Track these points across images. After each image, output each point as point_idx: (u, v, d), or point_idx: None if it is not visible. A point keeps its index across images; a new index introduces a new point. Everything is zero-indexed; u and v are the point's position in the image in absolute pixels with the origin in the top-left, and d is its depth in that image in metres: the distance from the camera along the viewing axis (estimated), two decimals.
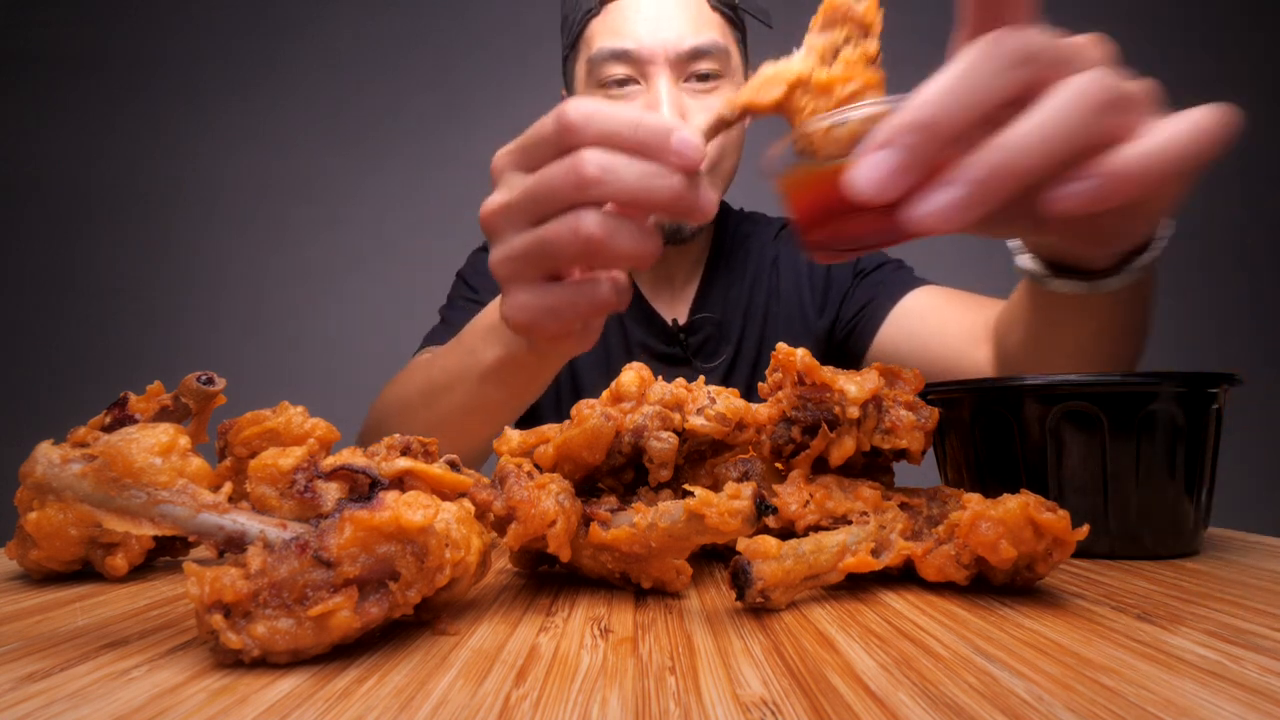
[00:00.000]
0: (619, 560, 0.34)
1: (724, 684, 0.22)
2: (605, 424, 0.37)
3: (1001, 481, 0.45)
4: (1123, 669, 0.23)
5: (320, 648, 0.24)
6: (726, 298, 0.92)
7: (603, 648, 0.26)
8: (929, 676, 0.23)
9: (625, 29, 0.77)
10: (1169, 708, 0.20)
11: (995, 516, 0.32)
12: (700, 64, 0.78)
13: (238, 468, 0.41)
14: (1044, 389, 0.42)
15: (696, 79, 0.78)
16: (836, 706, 0.20)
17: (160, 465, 0.26)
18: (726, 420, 0.38)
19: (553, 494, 0.34)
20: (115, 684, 0.22)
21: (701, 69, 0.78)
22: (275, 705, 0.21)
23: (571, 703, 0.21)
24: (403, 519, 0.25)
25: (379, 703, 0.21)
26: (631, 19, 0.78)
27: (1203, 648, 0.25)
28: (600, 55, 0.78)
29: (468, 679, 0.23)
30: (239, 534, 0.25)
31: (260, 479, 0.27)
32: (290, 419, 0.40)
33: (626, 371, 0.40)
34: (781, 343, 0.39)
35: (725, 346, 0.90)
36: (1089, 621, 0.29)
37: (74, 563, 0.39)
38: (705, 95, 0.78)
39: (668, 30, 0.77)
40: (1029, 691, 0.21)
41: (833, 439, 0.37)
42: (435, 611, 0.29)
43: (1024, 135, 0.26)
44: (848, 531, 0.34)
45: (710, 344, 0.90)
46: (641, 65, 0.77)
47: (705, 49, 0.77)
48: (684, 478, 0.41)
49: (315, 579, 0.24)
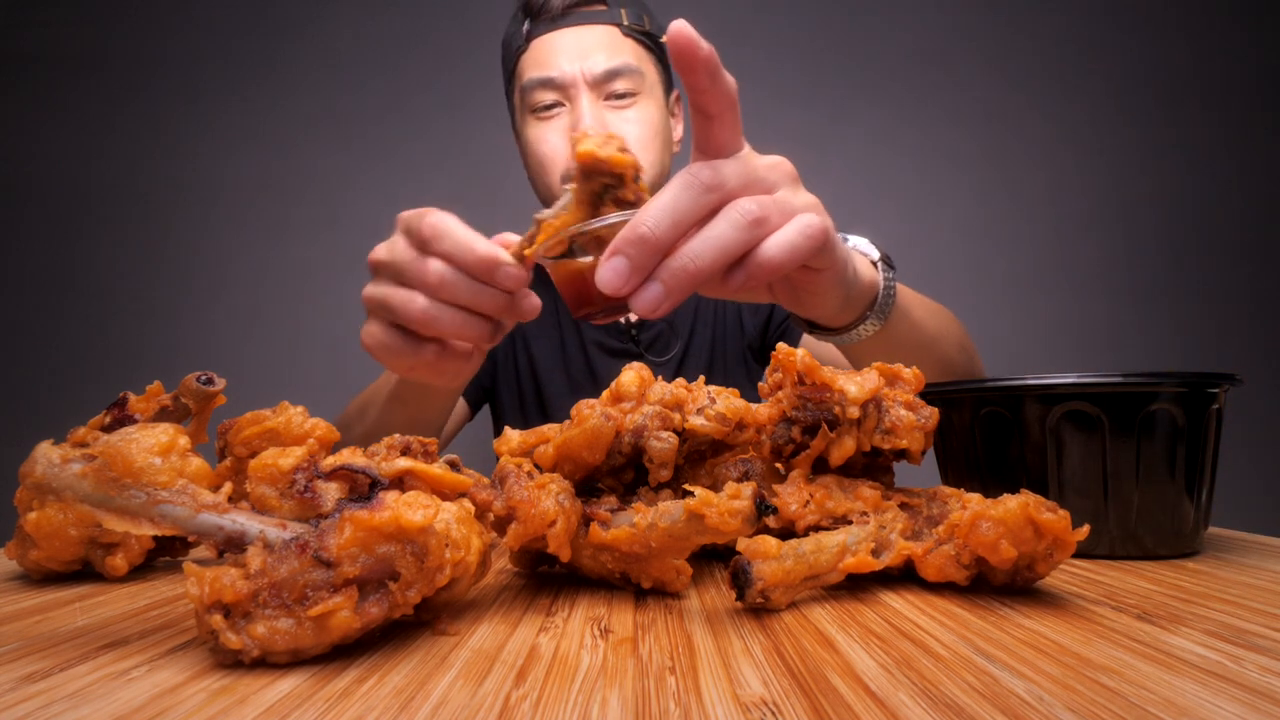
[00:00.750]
0: (619, 560, 0.34)
1: (724, 684, 0.22)
2: (605, 424, 0.37)
3: (1001, 481, 0.45)
4: (1123, 669, 0.23)
5: (320, 648, 0.24)
6: None
7: (603, 648, 0.26)
8: (929, 676, 0.23)
9: (549, 60, 0.89)
10: (1169, 708, 0.20)
11: (995, 516, 0.32)
12: (616, 84, 0.89)
13: (238, 468, 0.41)
14: (1044, 389, 0.42)
15: (615, 97, 0.89)
16: (836, 706, 0.20)
17: (160, 465, 0.26)
18: (726, 420, 0.38)
19: (553, 494, 0.34)
20: (115, 684, 0.22)
21: (618, 88, 0.89)
22: (275, 705, 0.21)
23: (571, 703, 0.21)
24: (403, 519, 0.25)
25: (379, 703, 0.21)
26: (553, 51, 0.89)
27: (1203, 648, 0.25)
28: (530, 84, 0.89)
29: (468, 679, 0.23)
30: (239, 534, 0.25)
31: (260, 479, 0.27)
32: (290, 419, 0.40)
33: (626, 371, 0.40)
34: (781, 343, 0.39)
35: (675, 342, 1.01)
36: (1089, 621, 0.29)
37: (74, 563, 0.39)
38: (624, 109, 0.90)
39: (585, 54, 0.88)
40: (1029, 691, 0.21)
41: (833, 439, 0.37)
42: (435, 611, 0.29)
43: (697, 246, 0.37)
44: (848, 531, 0.34)
45: (661, 340, 1.01)
46: (565, 89, 0.88)
47: (619, 70, 0.88)
48: (684, 478, 0.41)
49: (315, 579, 0.24)
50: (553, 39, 0.89)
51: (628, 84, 0.89)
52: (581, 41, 0.89)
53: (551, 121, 0.90)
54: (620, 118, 0.89)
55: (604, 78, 0.88)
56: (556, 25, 0.89)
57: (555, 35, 0.89)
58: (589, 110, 0.87)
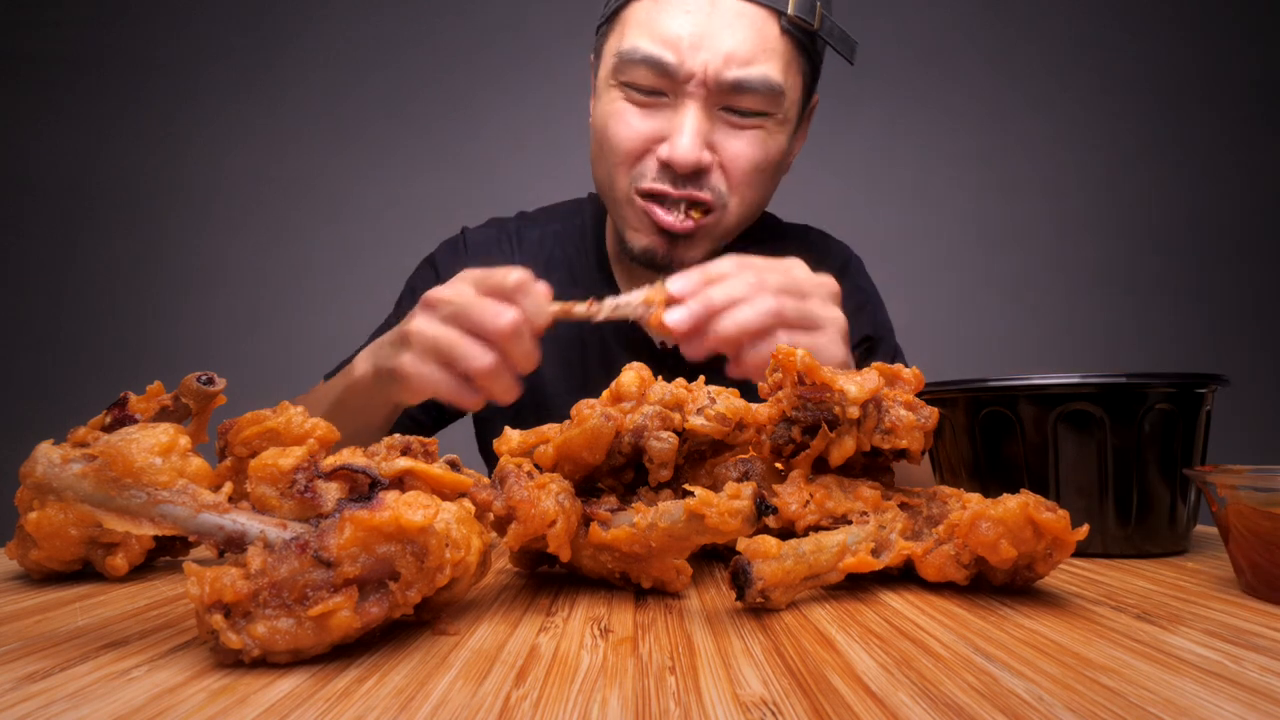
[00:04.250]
0: (619, 560, 0.34)
1: (724, 684, 0.22)
2: (605, 424, 0.37)
3: (1001, 482, 0.45)
4: (1123, 669, 0.23)
5: (320, 648, 0.24)
6: None
7: (603, 648, 0.26)
8: (929, 676, 0.23)
9: (668, 28, 0.65)
10: (1169, 708, 0.20)
11: (995, 516, 0.32)
12: (743, 99, 0.66)
13: (238, 468, 0.41)
14: (1041, 389, 0.42)
15: (738, 113, 0.67)
16: (836, 706, 0.20)
17: (160, 465, 0.26)
18: (726, 420, 0.38)
19: (553, 494, 0.34)
20: (115, 684, 0.22)
21: (745, 105, 0.66)
22: (275, 705, 0.21)
23: (571, 703, 0.21)
24: (403, 519, 0.25)
25: (379, 703, 0.21)
26: (678, 17, 0.64)
27: (1203, 648, 0.25)
28: (630, 55, 0.66)
29: (468, 679, 0.23)
30: (239, 534, 0.25)
31: (260, 479, 0.27)
32: (290, 419, 0.40)
33: (626, 371, 0.40)
34: (781, 343, 0.39)
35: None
36: (1089, 621, 0.29)
37: (74, 563, 0.39)
38: (743, 130, 0.67)
39: (715, 46, 0.64)
40: (1029, 691, 0.21)
41: (833, 439, 0.37)
42: (435, 611, 0.29)
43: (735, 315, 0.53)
44: (848, 531, 0.34)
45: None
46: (674, 81, 0.65)
47: (752, 84, 0.65)
48: (684, 478, 0.41)
49: (315, 579, 0.24)
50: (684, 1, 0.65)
51: (758, 103, 0.66)
52: (721, 19, 0.64)
53: (645, 109, 0.68)
54: (732, 138, 0.67)
55: (731, 88, 0.65)
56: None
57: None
58: (694, 124, 0.65)
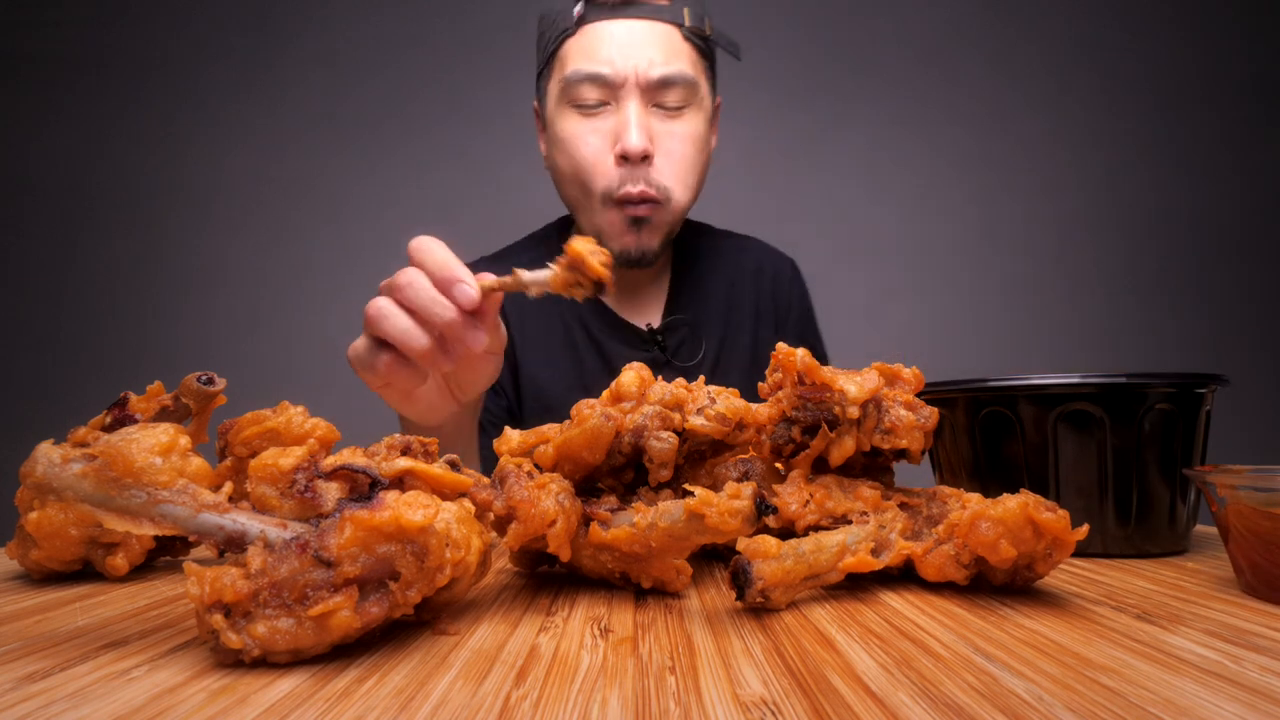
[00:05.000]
0: (619, 560, 0.34)
1: (724, 684, 0.22)
2: (605, 424, 0.37)
3: (1001, 482, 0.45)
4: (1123, 669, 0.23)
5: (320, 648, 0.24)
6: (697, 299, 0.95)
7: (603, 648, 0.26)
8: (929, 676, 0.23)
9: (599, 52, 0.81)
10: (1169, 708, 0.20)
11: (995, 516, 0.32)
12: (668, 94, 0.82)
13: (238, 468, 0.41)
14: (1041, 389, 0.42)
15: (665, 107, 0.83)
16: (836, 706, 0.20)
17: (160, 465, 0.26)
18: (726, 420, 0.38)
19: (553, 494, 0.34)
20: (115, 684, 0.22)
21: (670, 100, 0.83)
22: (275, 705, 0.21)
23: (571, 703, 0.21)
24: (403, 519, 0.25)
25: (379, 703, 0.21)
26: (606, 43, 0.81)
27: (1203, 648, 0.25)
28: (574, 77, 0.81)
29: (468, 679, 0.23)
30: (239, 534, 0.25)
31: (260, 479, 0.27)
32: (290, 419, 0.40)
33: (626, 371, 0.40)
34: (781, 343, 0.39)
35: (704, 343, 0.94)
36: (1089, 621, 0.29)
37: (74, 563, 0.39)
38: (672, 121, 0.83)
39: (640, 56, 0.81)
40: (1029, 691, 0.21)
41: (833, 439, 0.37)
42: (435, 611, 0.29)
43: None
44: (848, 531, 0.34)
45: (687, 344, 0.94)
46: (613, 89, 0.81)
47: (674, 79, 0.82)
48: (684, 478, 0.41)
49: (315, 579, 0.24)
50: (608, 29, 0.81)
51: (680, 96, 0.83)
52: (638, 37, 0.81)
53: (595, 120, 0.83)
54: (668, 129, 0.83)
55: (658, 85, 0.81)
56: (615, 14, 0.82)
57: (611, 25, 0.82)
58: (636, 117, 0.81)
